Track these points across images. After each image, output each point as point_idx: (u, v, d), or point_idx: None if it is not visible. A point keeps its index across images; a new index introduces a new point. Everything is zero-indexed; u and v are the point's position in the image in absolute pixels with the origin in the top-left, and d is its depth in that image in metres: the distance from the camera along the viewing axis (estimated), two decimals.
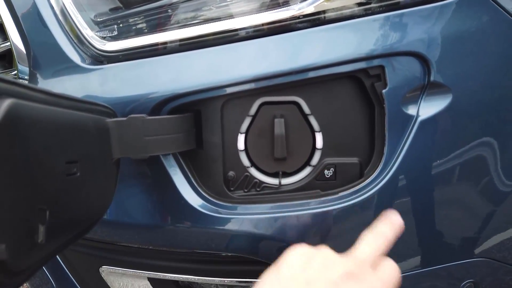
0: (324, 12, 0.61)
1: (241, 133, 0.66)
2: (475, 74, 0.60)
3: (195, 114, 0.66)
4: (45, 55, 0.73)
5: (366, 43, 0.59)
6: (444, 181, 0.62)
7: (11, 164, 0.34)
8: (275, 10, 0.63)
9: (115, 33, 0.70)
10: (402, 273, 0.66)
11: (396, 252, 0.65)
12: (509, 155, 0.63)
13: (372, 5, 0.60)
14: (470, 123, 0.61)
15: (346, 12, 0.61)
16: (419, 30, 0.59)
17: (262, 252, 0.67)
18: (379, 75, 0.60)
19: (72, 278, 0.86)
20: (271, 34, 0.62)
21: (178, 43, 0.65)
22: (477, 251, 0.68)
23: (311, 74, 0.61)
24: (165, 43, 0.66)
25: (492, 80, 0.60)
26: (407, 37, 0.59)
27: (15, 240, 0.34)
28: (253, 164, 0.67)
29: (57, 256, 0.87)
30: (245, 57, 0.63)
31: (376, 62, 0.59)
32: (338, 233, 0.64)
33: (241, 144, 0.66)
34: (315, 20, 0.61)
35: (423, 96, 0.61)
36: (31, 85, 0.40)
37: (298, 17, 0.61)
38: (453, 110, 0.60)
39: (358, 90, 0.63)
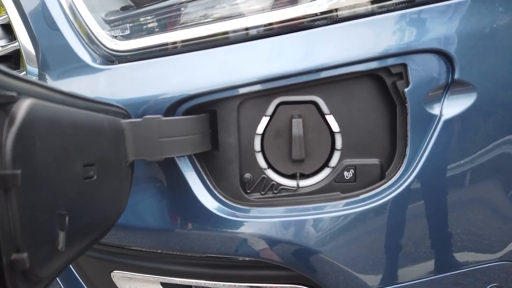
0: (342, 9, 0.59)
1: (257, 134, 0.64)
2: (500, 71, 0.58)
3: (211, 115, 0.64)
4: (54, 55, 0.72)
5: (387, 40, 0.58)
6: (469, 182, 0.60)
7: (32, 166, 0.32)
8: (292, 7, 0.61)
9: (127, 32, 0.68)
10: (427, 277, 0.64)
11: (420, 256, 0.63)
12: None
13: (392, 1, 0.59)
14: (495, 122, 0.59)
15: (365, 9, 0.59)
16: (441, 26, 0.57)
17: (280, 256, 0.65)
18: (401, 73, 0.58)
19: (83, 283, 0.84)
20: (287, 32, 0.61)
21: (192, 42, 0.64)
22: (502, 253, 0.66)
23: (330, 73, 0.59)
24: (178, 42, 0.65)
25: None
26: (430, 34, 0.57)
27: (36, 248, 0.32)
28: (270, 166, 0.65)
29: None
30: (260, 56, 0.62)
31: (398, 60, 0.58)
32: (357, 237, 0.62)
33: (257, 145, 0.64)
34: (333, 17, 0.60)
35: (447, 95, 0.59)
36: (49, 85, 0.38)
37: (316, 15, 0.60)
38: (478, 109, 0.58)
39: (379, 89, 0.61)
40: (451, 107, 0.59)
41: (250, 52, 0.62)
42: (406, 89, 0.58)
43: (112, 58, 0.68)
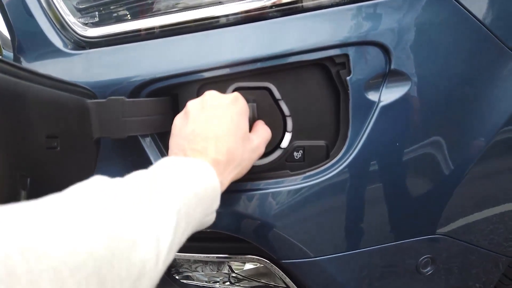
0: (295, 2, 0.65)
1: None
2: (432, 63, 0.64)
3: (173, 98, 0.69)
4: (29, 40, 0.76)
5: (333, 32, 0.63)
6: (402, 162, 0.67)
7: None
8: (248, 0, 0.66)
9: (97, 19, 0.73)
10: (364, 248, 0.71)
11: (358, 228, 0.70)
12: (461, 141, 0.68)
13: None
14: (426, 109, 0.66)
15: (315, 2, 0.65)
16: (381, 21, 0.63)
17: (238, 228, 0.71)
18: (344, 63, 0.64)
19: None
20: (246, 22, 0.66)
21: (157, 29, 0.69)
22: (436, 228, 0.73)
23: (282, 61, 0.65)
24: (145, 29, 0.70)
25: (447, 70, 0.65)
26: (370, 28, 0.63)
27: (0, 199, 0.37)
28: None
29: None
30: (221, 44, 0.67)
31: (341, 51, 0.64)
32: (306, 211, 0.68)
33: None
34: (286, 9, 0.65)
35: (385, 83, 0.65)
36: (16, 63, 0.43)
37: (271, 7, 0.65)
38: (411, 96, 0.65)
39: (325, 77, 0.67)
40: (388, 94, 0.65)
41: (210, 40, 0.67)
42: (348, 78, 0.64)
43: (82, 44, 0.72)
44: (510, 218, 0.79)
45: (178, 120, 0.60)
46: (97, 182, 0.37)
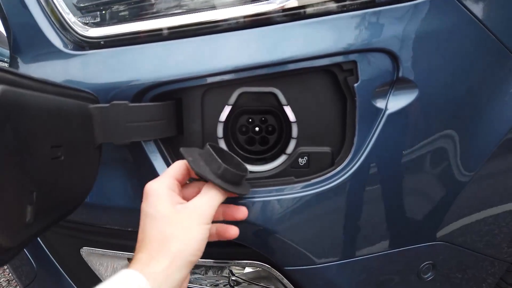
0: (303, 7, 0.64)
1: (220, 121, 0.68)
2: (439, 71, 0.64)
3: (177, 102, 0.68)
4: (26, 39, 0.73)
5: (341, 38, 0.62)
6: (408, 170, 0.67)
7: (2, 148, 0.36)
8: (257, 3, 0.65)
9: (98, 19, 0.71)
10: (368, 255, 0.71)
11: (362, 235, 0.70)
12: (467, 148, 0.68)
13: (347, 2, 0.63)
14: (433, 117, 0.65)
15: (323, 8, 0.64)
16: (390, 28, 0.62)
17: (241, 235, 0.70)
18: (352, 69, 0.63)
19: (53, 259, 0.88)
20: (252, 26, 0.65)
21: (161, 32, 0.67)
22: (438, 235, 0.73)
23: (288, 67, 0.64)
24: (149, 31, 0.67)
25: (454, 78, 0.65)
26: (379, 35, 0.62)
27: (6, 220, 0.36)
28: (231, 151, 0.70)
29: (38, 238, 0.88)
30: (226, 48, 0.65)
31: (349, 58, 0.63)
32: (310, 218, 0.68)
33: (220, 132, 0.69)
34: (294, 15, 0.64)
35: (392, 91, 0.65)
36: (19, 72, 0.41)
37: (278, 11, 0.64)
38: (418, 104, 0.64)
39: (332, 83, 0.67)
40: (395, 102, 0.64)
41: (216, 44, 0.65)
42: (355, 85, 0.63)
43: (83, 44, 0.70)
44: (508, 223, 0.80)
45: None
46: None
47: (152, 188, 0.55)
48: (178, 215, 0.52)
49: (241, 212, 0.62)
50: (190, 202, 0.55)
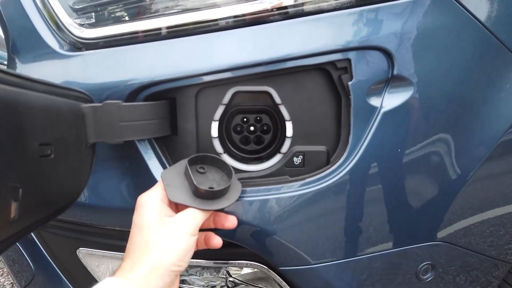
0: (296, 6, 0.64)
1: (214, 120, 0.68)
2: (434, 69, 0.63)
3: (170, 102, 0.68)
4: (23, 41, 0.74)
5: (335, 37, 0.62)
6: (403, 169, 0.66)
7: None
8: (250, 2, 0.65)
9: (93, 20, 0.71)
10: (366, 255, 0.70)
11: (359, 235, 0.69)
12: (464, 147, 0.67)
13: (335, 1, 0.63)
14: (428, 115, 0.64)
15: (316, 6, 0.63)
16: (384, 26, 0.62)
17: (236, 235, 0.70)
18: (346, 68, 0.63)
19: (50, 260, 0.88)
20: (246, 25, 0.65)
21: (155, 32, 0.67)
22: (438, 235, 0.72)
23: (283, 65, 0.63)
24: (143, 31, 0.68)
25: (450, 76, 0.64)
26: (373, 33, 0.62)
27: None
28: (226, 151, 0.70)
29: (35, 239, 0.88)
30: (220, 47, 0.65)
31: (343, 56, 0.62)
32: (305, 217, 0.67)
33: (214, 132, 0.68)
34: (287, 13, 0.64)
35: (387, 89, 0.64)
36: (6, 69, 0.41)
37: (272, 10, 0.64)
38: (414, 102, 0.63)
39: (327, 82, 0.66)
40: (391, 100, 0.64)
41: (209, 43, 0.65)
42: (350, 83, 0.62)
43: (79, 45, 0.71)
44: (509, 223, 0.78)
45: None
46: None
47: (143, 200, 0.57)
48: (164, 226, 0.54)
49: (230, 221, 0.63)
50: (178, 215, 0.56)
